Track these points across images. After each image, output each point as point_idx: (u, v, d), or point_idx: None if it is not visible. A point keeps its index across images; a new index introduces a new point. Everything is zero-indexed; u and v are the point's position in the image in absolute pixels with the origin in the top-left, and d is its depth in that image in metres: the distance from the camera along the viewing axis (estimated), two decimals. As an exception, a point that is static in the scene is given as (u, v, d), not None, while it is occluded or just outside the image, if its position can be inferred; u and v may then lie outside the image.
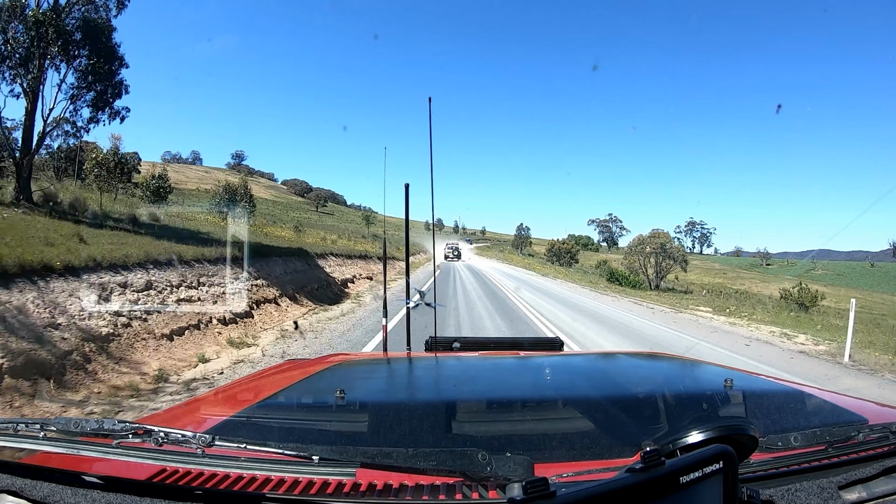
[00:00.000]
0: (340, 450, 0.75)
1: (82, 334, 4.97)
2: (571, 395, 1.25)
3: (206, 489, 0.67)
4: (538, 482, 0.53)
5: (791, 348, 8.68)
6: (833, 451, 0.81)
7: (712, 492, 0.59)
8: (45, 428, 0.76)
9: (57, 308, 5.04)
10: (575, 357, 1.89)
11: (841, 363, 7.29)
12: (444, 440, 0.94)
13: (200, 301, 7.48)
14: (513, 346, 1.90)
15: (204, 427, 0.94)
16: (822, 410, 1.14)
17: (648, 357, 2.09)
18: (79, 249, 6.39)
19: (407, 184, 2.29)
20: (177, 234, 10.81)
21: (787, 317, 14.45)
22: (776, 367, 6.62)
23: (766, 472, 0.76)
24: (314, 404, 1.21)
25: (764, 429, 0.80)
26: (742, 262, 69.56)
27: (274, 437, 0.94)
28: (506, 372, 1.56)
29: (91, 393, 4.40)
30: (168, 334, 6.11)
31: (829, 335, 10.11)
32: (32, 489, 0.67)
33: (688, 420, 1.03)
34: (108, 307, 5.70)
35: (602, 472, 0.69)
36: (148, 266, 7.13)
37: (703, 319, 13.05)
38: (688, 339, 9.12)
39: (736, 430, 0.69)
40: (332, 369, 1.53)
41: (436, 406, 1.16)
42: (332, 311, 10.51)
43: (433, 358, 1.76)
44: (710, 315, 14.20)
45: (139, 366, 5.21)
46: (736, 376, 1.32)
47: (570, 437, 0.97)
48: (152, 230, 10.99)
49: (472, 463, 0.68)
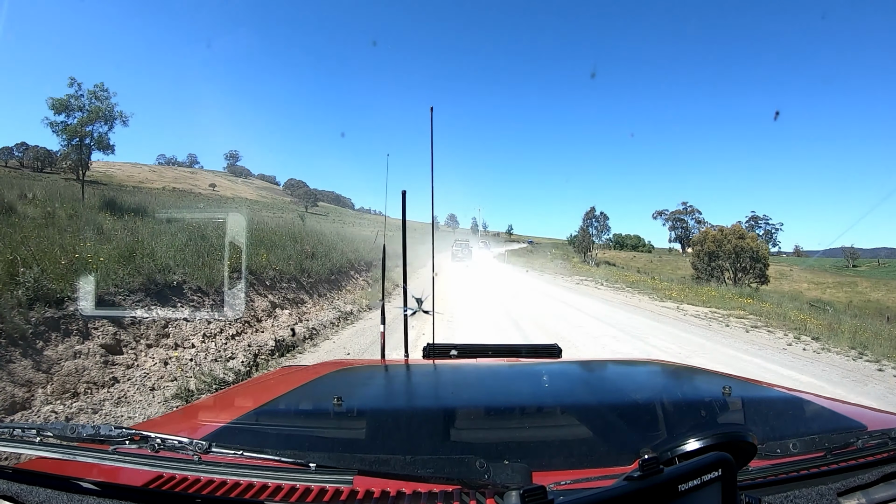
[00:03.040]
0: (338, 457, 0.75)
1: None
2: (570, 403, 1.25)
3: (203, 496, 0.67)
4: (536, 490, 0.53)
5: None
6: (832, 457, 0.81)
7: (711, 499, 0.59)
8: (42, 433, 0.75)
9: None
10: (573, 364, 1.88)
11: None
12: (442, 447, 0.94)
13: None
14: (511, 352, 1.89)
15: (201, 433, 0.94)
16: (820, 417, 1.14)
17: (647, 364, 2.09)
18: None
19: (404, 191, 2.32)
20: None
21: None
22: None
23: (765, 479, 0.76)
24: (311, 411, 1.21)
25: (762, 436, 0.80)
26: (820, 264, 52.56)
27: (271, 443, 0.93)
28: (504, 379, 1.55)
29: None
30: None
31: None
32: (28, 495, 0.67)
33: (686, 427, 1.03)
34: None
35: (600, 479, 0.69)
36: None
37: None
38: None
39: (734, 438, 0.68)
40: (330, 376, 1.53)
41: (434, 413, 1.16)
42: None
43: (431, 365, 1.75)
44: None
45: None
46: (734, 383, 1.31)
47: (568, 445, 0.97)
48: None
49: (470, 470, 0.68)
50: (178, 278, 6.05)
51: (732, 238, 28.39)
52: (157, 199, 18.89)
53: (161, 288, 5.74)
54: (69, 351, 4.10)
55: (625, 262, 48.35)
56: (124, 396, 4.03)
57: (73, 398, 3.76)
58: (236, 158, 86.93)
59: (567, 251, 49.45)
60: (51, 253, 5.07)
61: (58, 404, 3.60)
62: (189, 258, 6.64)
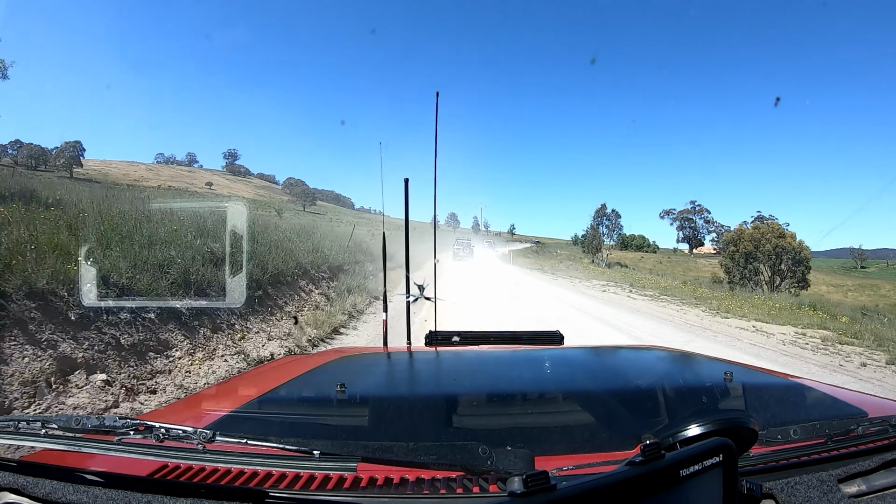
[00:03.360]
0: (341, 444, 0.75)
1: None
2: (571, 389, 1.26)
3: (208, 485, 0.67)
4: (539, 475, 0.53)
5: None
6: (833, 444, 0.81)
7: (712, 485, 0.59)
8: (46, 425, 0.76)
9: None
10: (575, 350, 1.88)
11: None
12: (445, 434, 0.95)
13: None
14: (513, 339, 1.90)
15: (205, 422, 0.94)
16: (821, 404, 1.14)
17: (648, 350, 2.09)
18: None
19: (406, 179, 2.30)
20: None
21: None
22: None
23: (766, 465, 0.76)
24: (314, 399, 1.22)
25: (764, 422, 0.80)
26: (828, 265, 50.18)
27: (275, 431, 0.94)
28: (506, 365, 1.56)
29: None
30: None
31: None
32: (34, 487, 0.67)
33: (688, 413, 1.03)
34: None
35: (602, 465, 0.69)
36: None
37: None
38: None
39: (735, 424, 0.69)
40: (332, 364, 1.53)
41: (436, 400, 1.17)
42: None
43: (433, 352, 1.76)
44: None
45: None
46: (735, 370, 1.32)
47: (570, 431, 0.98)
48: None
49: (473, 457, 0.68)
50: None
51: (772, 237, 25.42)
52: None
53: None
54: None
55: (633, 262, 45.36)
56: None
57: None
58: (235, 157, 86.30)
59: (573, 252, 47.35)
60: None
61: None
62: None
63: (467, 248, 33.84)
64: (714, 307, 12.63)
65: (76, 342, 3.72)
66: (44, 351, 3.48)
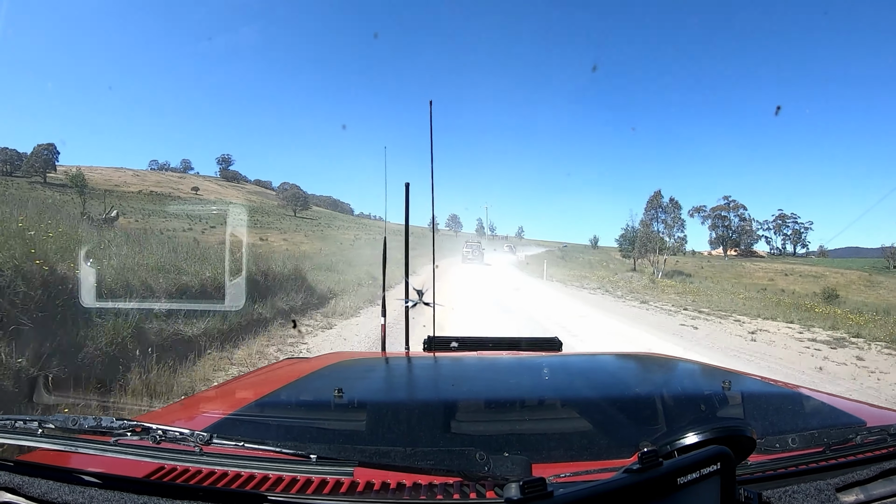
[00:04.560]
0: (338, 448, 0.75)
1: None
2: (570, 396, 1.25)
3: (205, 487, 0.67)
4: (536, 482, 0.53)
5: None
6: (831, 453, 0.81)
7: (710, 493, 0.59)
8: (43, 425, 0.75)
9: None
10: (573, 357, 1.88)
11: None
12: (443, 440, 0.94)
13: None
14: (511, 345, 1.89)
15: (202, 425, 0.94)
16: (819, 412, 1.14)
17: (647, 358, 2.09)
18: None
19: (407, 183, 2.31)
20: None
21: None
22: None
23: (764, 473, 0.76)
24: (312, 403, 1.21)
25: (762, 430, 0.80)
26: (858, 265, 40.23)
27: (272, 435, 0.94)
28: (504, 372, 1.56)
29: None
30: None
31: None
32: (30, 486, 0.67)
33: (685, 421, 1.03)
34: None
35: (600, 472, 0.69)
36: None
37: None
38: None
39: (733, 432, 0.68)
40: (330, 368, 1.53)
41: (434, 405, 1.16)
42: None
43: (431, 357, 1.75)
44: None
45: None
46: (734, 378, 1.32)
47: (567, 438, 0.97)
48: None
49: (470, 462, 0.68)
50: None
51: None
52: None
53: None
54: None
55: (694, 270, 34.87)
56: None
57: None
58: (229, 163, 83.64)
59: (602, 256, 37.59)
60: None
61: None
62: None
63: (477, 251, 33.65)
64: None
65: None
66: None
